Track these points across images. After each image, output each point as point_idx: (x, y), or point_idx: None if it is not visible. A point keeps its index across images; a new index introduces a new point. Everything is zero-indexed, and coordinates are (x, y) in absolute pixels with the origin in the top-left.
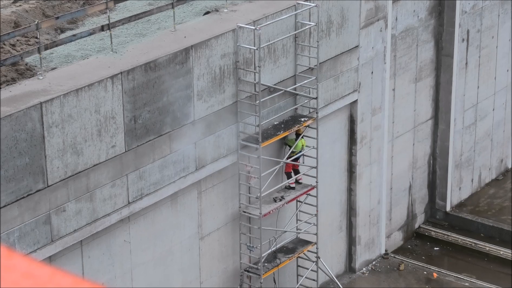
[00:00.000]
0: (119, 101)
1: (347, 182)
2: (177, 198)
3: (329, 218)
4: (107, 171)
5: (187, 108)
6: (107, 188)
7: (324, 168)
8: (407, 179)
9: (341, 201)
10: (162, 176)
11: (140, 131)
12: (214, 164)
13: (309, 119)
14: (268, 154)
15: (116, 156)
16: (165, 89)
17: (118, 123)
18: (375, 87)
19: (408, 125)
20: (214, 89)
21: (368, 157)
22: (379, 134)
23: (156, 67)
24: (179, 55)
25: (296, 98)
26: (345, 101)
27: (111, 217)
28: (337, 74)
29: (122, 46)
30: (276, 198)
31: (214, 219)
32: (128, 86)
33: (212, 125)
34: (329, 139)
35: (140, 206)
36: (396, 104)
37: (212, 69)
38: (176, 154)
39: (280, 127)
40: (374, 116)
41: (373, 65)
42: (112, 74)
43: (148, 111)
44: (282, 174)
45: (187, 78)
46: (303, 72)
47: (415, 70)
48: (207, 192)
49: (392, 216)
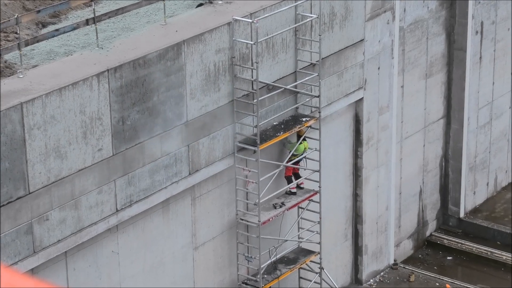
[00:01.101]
0: (105, 101)
1: (353, 187)
2: (169, 205)
3: (333, 226)
4: (93, 177)
5: (179, 108)
6: (93, 195)
7: (327, 172)
8: (417, 183)
9: (346, 207)
10: (153, 182)
11: (128, 133)
12: (208, 168)
13: (311, 119)
14: (267, 157)
15: (103, 160)
16: (156, 87)
17: (105, 125)
18: (382, 84)
19: (418, 125)
20: (208, 87)
21: (375, 159)
22: (387, 134)
23: (145, 64)
24: (170, 50)
25: (297, 97)
26: (350, 99)
27: (98, 226)
28: (341, 70)
29: (109, 42)
30: (276, 204)
31: (209, 228)
32: (116, 85)
33: (207, 126)
34: (332, 141)
35: (129, 214)
36: (405, 102)
37: (206, 65)
38: (167, 157)
39: (279, 127)
40: (381, 115)
41: (380, 60)
42: (98, 71)
43: (137, 111)
44: (282, 179)
45: (179, 75)
46: (304, 68)
47: (425, 65)
48: (202, 199)
49: (401, 223)
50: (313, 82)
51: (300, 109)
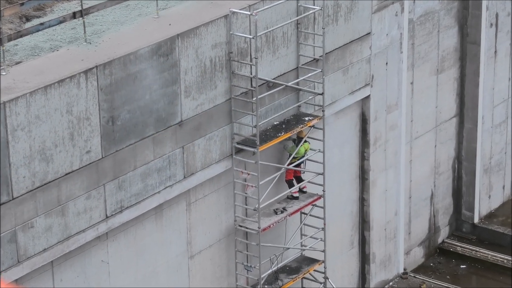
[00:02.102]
0: (94, 100)
1: (359, 191)
2: (162, 211)
3: (338, 233)
4: (81, 181)
5: (173, 107)
6: (81, 200)
7: (332, 175)
8: (429, 187)
9: (352, 212)
10: (145, 186)
11: (119, 134)
12: (205, 171)
13: (314, 118)
14: (267, 159)
15: (91, 163)
16: (148, 85)
17: (94, 125)
18: (390, 80)
19: (429, 124)
20: (204, 85)
21: (383, 161)
22: (396, 134)
23: (136, 59)
24: (163, 45)
25: (299, 94)
26: (356, 97)
27: (86, 233)
28: (346, 65)
29: (97, 36)
30: (277, 209)
31: (205, 235)
32: (105, 82)
33: (202, 126)
34: (337, 141)
35: (119, 221)
36: (415, 99)
37: (201, 61)
38: (161, 160)
39: (280, 127)
40: (390, 114)
41: (388, 55)
42: (86, 68)
43: (128, 110)
44: (283, 182)
45: (173, 72)
46: (307, 64)
47: (437, 60)
48: (197, 204)
49: (411, 230)
50: (316, 78)
51: (302, 107)
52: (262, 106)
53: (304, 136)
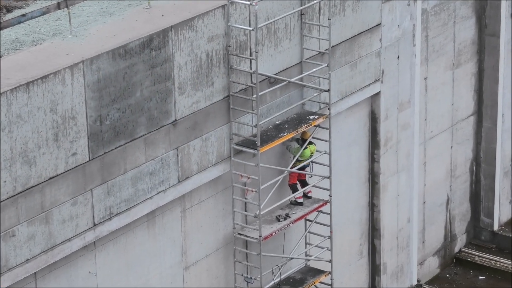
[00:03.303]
0: (80, 97)
1: (369, 196)
2: (155, 218)
3: (346, 241)
4: (66, 185)
5: (166, 105)
6: (66, 207)
7: (339, 178)
8: (444, 191)
9: (361, 219)
10: (136, 191)
11: (107, 134)
12: (201, 174)
13: (319, 117)
14: (269, 161)
15: (77, 166)
16: (139, 81)
17: (80, 125)
18: (402, 75)
19: (445, 123)
20: (200, 81)
21: (395, 163)
22: (408, 134)
23: (126, 54)
24: (156, 38)
25: (303, 91)
26: (365, 93)
27: (73, 243)
28: (354, 60)
29: (84, 28)
30: (280, 216)
31: (202, 244)
32: (92, 78)
33: (198, 126)
34: (345, 142)
35: (108, 229)
36: (429, 96)
37: (197, 55)
38: (153, 162)
39: (283, 127)
40: (402, 112)
41: (400, 48)
42: (71, 63)
43: (118, 109)
44: (286, 187)
45: (166, 67)
46: (312, 58)
47: (452, 54)
48: (193, 210)
49: (425, 238)
50: (321, 74)
51: (307, 105)
52: (263, 104)
53: (308, 137)
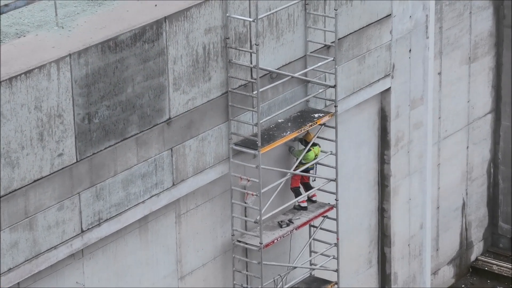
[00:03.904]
0: (67, 94)
1: (378, 200)
2: (147, 224)
3: (354, 249)
4: (52, 189)
5: (160, 102)
6: (52, 212)
7: (346, 181)
8: (460, 195)
9: (370, 225)
10: (127, 195)
11: (96, 133)
12: (197, 177)
13: (325, 115)
14: (270, 162)
15: (64, 168)
16: (130, 76)
17: (67, 124)
18: (415, 70)
19: (460, 121)
20: (196, 76)
21: (406, 165)
22: (421, 134)
23: (117, 47)
24: (148, 30)
25: (307, 87)
26: (374, 90)
27: (59, 251)
28: (362, 53)
29: (71, 19)
30: (282, 222)
31: (198, 252)
32: (80, 73)
33: (194, 125)
34: (352, 142)
35: (97, 236)
36: (443, 93)
37: (193, 49)
38: (145, 164)
39: (286, 126)
40: (414, 109)
41: (412, 41)
42: (57, 57)
43: (107, 106)
44: (289, 190)
45: (160, 61)
46: (317, 51)
47: (468, 47)
48: (189, 216)
49: (439, 246)
50: (327, 68)
51: (311, 102)
52: (264, 101)
53: (311, 140)
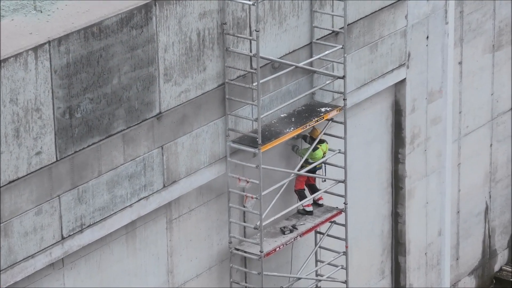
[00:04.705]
0: (46, 85)
1: (392, 204)
2: (135, 230)
3: (365, 258)
4: (29, 191)
5: (149, 94)
6: (29, 217)
7: (356, 183)
8: (482, 198)
9: (383, 232)
10: (113, 198)
11: (78, 129)
12: (190, 178)
13: (333, 110)
14: (272, 162)
15: (43, 167)
16: (116, 66)
17: (46, 119)
18: (433, 59)
19: (483, 116)
20: (189, 66)
21: (423, 165)
22: (439, 130)
23: (101, 33)
24: (137, 14)
25: (313, 78)
26: (387, 81)
27: (36, 260)
28: (374, 40)
29: (51, 2)
30: (285, 228)
31: (191, 262)
32: (60, 63)
33: (188, 120)
34: (363, 139)
35: (79, 243)
36: (465, 85)
37: (186, 35)
38: (133, 164)
39: (289, 121)
40: (432, 103)
41: (429, 27)
42: (35, 44)
43: (91, 99)
44: (293, 193)
45: (149, 49)
46: (324, 38)
47: (492, 34)
48: (181, 221)
49: (460, 254)
50: (335, 57)
51: (317, 95)
52: (265, 93)
53: (317, 136)
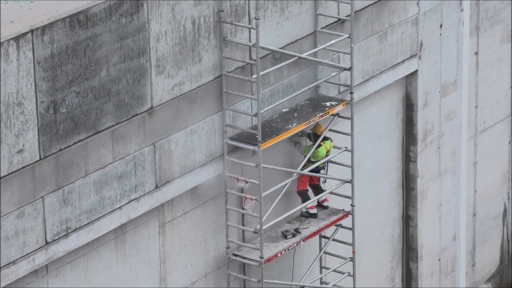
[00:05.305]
0: (29, 78)
1: (403, 206)
2: (125, 234)
3: (373, 264)
4: (10, 192)
5: (140, 87)
6: (10, 220)
7: (364, 183)
8: (501, 199)
9: (393, 236)
10: (101, 199)
11: (63, 125)
12: (185, 178)
13: (338, 104)
14: (273, 161)
15: (25, 167)
16: (104, 57)
17: (28, 114)
18: (446, 49)
19: (501, 111)
20: (184, 57)
21: (436, 164)
22: (454, 126)
23: (88, 21)
24: (126, 1)
25: (318, 70)
26: (398, 73)
27: (18, 266)
28: (384, 29)
29: None
30: (287, 232)
31: (186, 268)
32: (44, 53)
33: (182, 115)
34: (371, 136)
35: (64, 249)
36: (481, 77)
37: (180, 23)
38: (123, 162)
39: (291, 117)
40: (445, 97)
41: (443, 14)
42: (17, 33)
43: (77, 93)
44: (295, 194)
45: (140, 39)
46: (328, 27)
47: (511, 21)
48: (175, 225)
49: (476, 260)
50: (341, 47)
51: (322, 88)
52: (265, 86)
53: (322, 133)
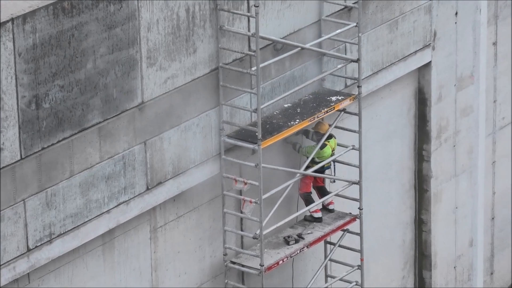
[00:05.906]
0: (9, 70)
1: (415, 209)
2: (113, 240)
3: (383, 273)
4: None
5: (130, 81)
6: None
7: (373, 185)
8: None
9: (405, 241)
10: (87, 202)
11: (47, 122)
12: (179, 179)
13: (345, 99)
14: (274, 160)
15: (4, 167)
16: (91, 47)
17: (8, 109)
18: (462, 39)
19: None
20: (177, 48)
21: (452, 163)
22: (471, 122)
23: (73, 9)
24: None
25: (322, 62)
26: (409, 65)
27: None
28: (394, 17)
29: None
30: (290, 238)
31: (179, 277)
32: (25, 44)
33: (175, 111)
34: (381, 133)
35: (48, 256)
36: (500, 69)
37: (173, 11)
38: (111, 162)
39: (294, 112)
40: (461, 91)
41: (458, 1)
42: None
43: (61, 87)
44: (298, 196)
45: (129, 28)
46: (334, 15)
47: None
48: (168, 229)
49: (495, 268)
50: (348, 37)
51: (327, 81)
52: (265, 79)
53: (325, 132)
